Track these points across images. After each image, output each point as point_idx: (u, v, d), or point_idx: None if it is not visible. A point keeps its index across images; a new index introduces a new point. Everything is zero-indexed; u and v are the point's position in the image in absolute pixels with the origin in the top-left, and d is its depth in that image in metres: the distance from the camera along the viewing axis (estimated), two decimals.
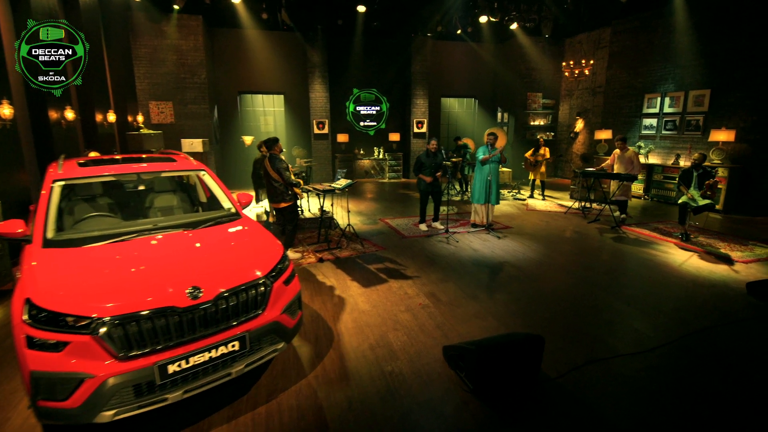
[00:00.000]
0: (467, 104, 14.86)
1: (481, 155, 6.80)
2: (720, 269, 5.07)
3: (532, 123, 13.49)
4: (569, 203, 9.03)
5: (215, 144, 11.54)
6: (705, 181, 6.20)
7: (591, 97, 12.28)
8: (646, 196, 9.80)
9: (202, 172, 3.89)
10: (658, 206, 9.04)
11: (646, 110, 10.07)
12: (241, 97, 12.65)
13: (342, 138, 12.98)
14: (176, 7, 9.48)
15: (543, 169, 9.77)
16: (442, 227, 7.00)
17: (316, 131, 12.49)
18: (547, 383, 2.85)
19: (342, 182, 6.02)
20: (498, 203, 7.06)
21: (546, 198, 9.87)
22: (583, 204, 8.55)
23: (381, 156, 13.47)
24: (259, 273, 2.69)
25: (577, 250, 5.87)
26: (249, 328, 2.53)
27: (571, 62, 10.48)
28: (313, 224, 7.11)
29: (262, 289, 2.64)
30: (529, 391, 2.78)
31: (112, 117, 8.13)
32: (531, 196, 9.99)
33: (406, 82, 13.21)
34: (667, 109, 9.54)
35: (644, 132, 10.13)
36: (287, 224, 5.43)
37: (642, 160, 10.06)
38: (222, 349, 2.43)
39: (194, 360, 2.34)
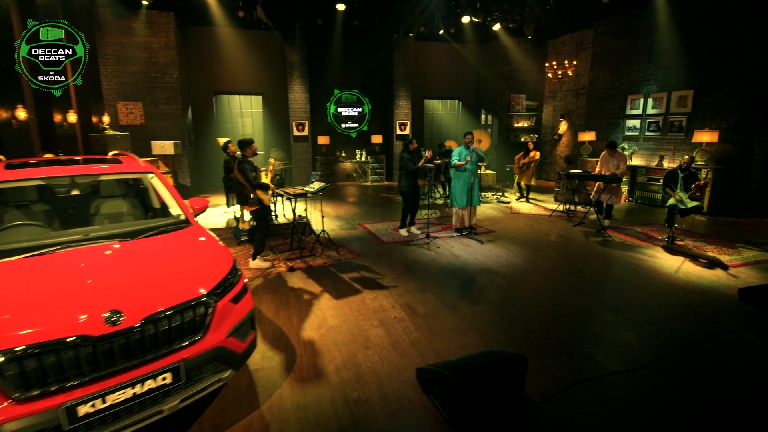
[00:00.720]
0: (451, 106, 14.66)
1: (456, 158, 6.52)
2: (709, 274, 4.86)
3: (516, 125, 13.34)
4: (554, 206, 8.83)
5: (189, 146, 11.05)
6: (691, 183, 6.03)
7: (574, 99, 12.18)
8: (630, 199, 9.67)
9: (151, 175, 3.49)
10: (643, 208, 8.91)
11: (629, 111, 9.97)
12: (218, 98, 12.19)
13: (323, 140, 12.60)
14: (145, 2, 9.04)
15: (532, 170, 9.57)
16: (418, 232, 6.70)
17: (296, 133, 12.10)
18: (531, 409, 2.55)
19: (315, 185, 5.67)
20: (479, 204, 6.78)
21: (530, 201, 9.66)
22: (567, 207, 8.35)
23: (363, 158, 13.13)
24: (202, 290, 2.32)
25: (562, 255, 5.62)
26: (185, 357, 2.16)
27: (554, 63, 10.34)
28: (287, 230, 6.73)
29: (203, 309, 2.28)
30: (512, 420, 2.46)
31: (72, 117, 7.63)
32: (519, 199, 9.76)
33: (389, 83, 12.93)
34: (650, 110, 9.45)
35: (627, 133, 10.03)
36: (256, 230, 5.06)
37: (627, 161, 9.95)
38: (150, 383, 2.05)
39: (114, 398, 1.96)
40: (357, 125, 13.15)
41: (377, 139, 13.19)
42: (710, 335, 3.45)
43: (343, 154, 13.08)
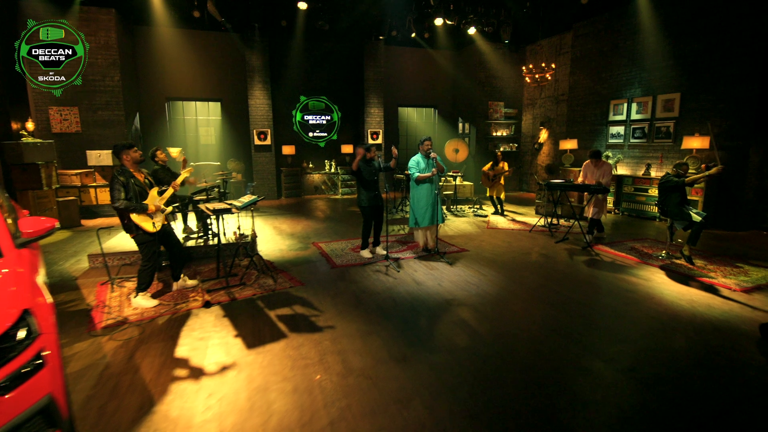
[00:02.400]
0: (426, 114, 13.92)
1: (414, 168, 5.65)
2: (718, 302, 4.02)
3: (494, 134, 12.64)
4: (534, 220, 8.00)
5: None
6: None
7: (554, 106, 11.55)
8: (617, 210, 8.94)
9: None
10: (631, 221, 8.16)
11: (612, 117, 9.31)
12: (171, 105, 11.17)
13: (288, 150, 11.65)
14: None
15: (502, 183, 8.77)
16: (384, 252, 5.78)
17: (257, 142, 11.13)
18: None
19: (246, 198, 4.69)
20: (442, 221, 5.89)
21: (507, 215, 8.82)
22: (549, 221, 7.54)
23: (333, 170, 12.21)
24: None
25: (543, 279, 4.73)
26: None
27: (532, 67, 9.70)
28: (227, 252, 5.71)
29: None
30: None
31: None
32: (496, 213, 8.92)
33: (359, 90, 12.12)
34: (634, 116, 8.79)
35: (611, 141, 9.35)
36: (142, 261, 4.03)
37: None
38: None
39: None
40: (326, 134, 12.26)
41: (348, 149, 12.30)
42: (738, 400, 2.56)
43: (311, 165, 12.13)
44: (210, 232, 6.19)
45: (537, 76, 9.20)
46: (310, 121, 12.03)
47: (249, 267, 5.04)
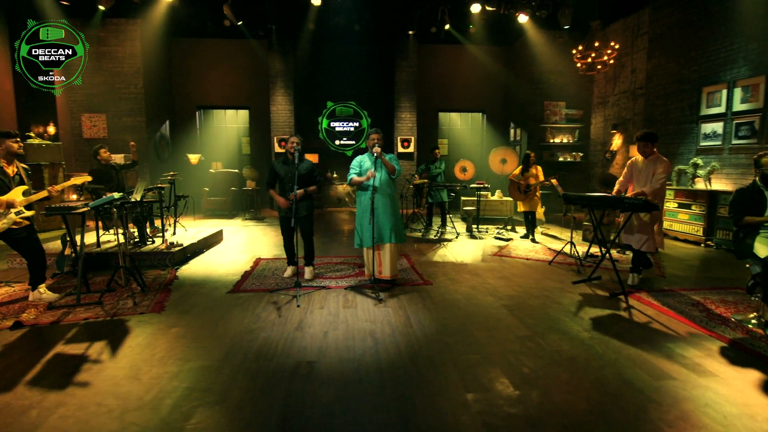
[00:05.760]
0: (473, 120, 12.13)
1: (354, 169, 4.24)
2: None
3: (551, 140, 10.36)
4: (582, 249, 5.74)
5: (159, 162, 10.13)
6: None
7: (631, 103, 8.96)
8: (708, 241, 6.24)
9: None
10: (727, 259, 5.51)
11: (705, 111, 6.67)
12: (204, 113, 11.31)
13: (311, 159, 10.86)
14: (101, 7, 8.40)
15: (538, 195, 6.75)
16: (311, 276, 4.45)
17: (278, 150, 10.61)
18: None
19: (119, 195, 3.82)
20: (401, 240, 4.31)
21: (538, 241, 6.69)
22: (586, 250, 5.38)
23: None
24: None
25: (500, 346, 2.92)
26: None
27: (582, 48, 7.51)
28: (149, 259, 4.94)
29: None
30: None
31: None
32: (526, 237, 6.87)
33: (390, 94, 10.97)
34: (738, 106, 6.12)
35: (704, 143, 6.69)
36: None
37: (701, 185, 6.59)
38: None
39: None
40: (354, 142, 11.29)
41: None
42: None
43: (335, 175, 11.23)
44: (150, 239, 5.55)
45: (591, 58, 7.02)
46: (337, 129, 11.19)
47: (111, 280, 4.10)
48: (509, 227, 7.73)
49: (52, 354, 2.74)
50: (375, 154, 4.12)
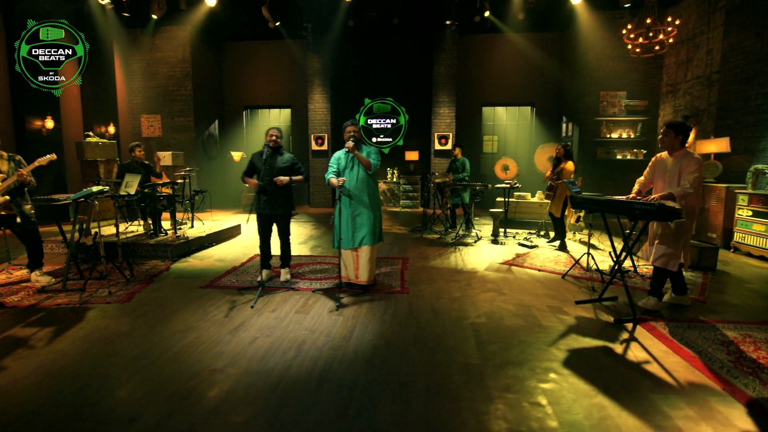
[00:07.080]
0: (521, 114, 11.19)
1: (332, 167, 4.01)
2: None
3: (608, 135, 9.16)
4: (582, 258, 4.99)
5: (207, 159, 10.83)
6: None
7: (706, 91, 7.55)
8: None
9: None
10: None
11: None
12: (251, 112, 11.87)
13: None
14: (154, 16, 9.15)
15: (560, 197, 5.95)
16: (286, 278, 4.32)
17: (315, 147, 10.76)
18: None
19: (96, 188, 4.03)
20: (379, 241, 4.01)
21: (566, 248, 5.87)
22: (613, 263, 4.59)
23: (394, 179, 10.87)
24: None
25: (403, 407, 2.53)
26: None
27: (631, 27, 6.43)
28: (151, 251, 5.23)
29: None
30: None
31: (50, 123, 7.93)
32: (554, 241, 6.13)
33: (429, 88, 10.52)
34: None
35: None
36: None
37: None
38: None
39: None
40: (391, 139, 11.04)
41: (412, 155, 10.79)
42: None
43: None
44: (163, 231, 5.87)
45: (642, 38, 5.99)
46: (374, 126, 11.02)
47: (92, 268, 4.32)
48: (542, 232, 6.95)
49: (4, 335, 2.93)
50: (348, 150, 3.87)
